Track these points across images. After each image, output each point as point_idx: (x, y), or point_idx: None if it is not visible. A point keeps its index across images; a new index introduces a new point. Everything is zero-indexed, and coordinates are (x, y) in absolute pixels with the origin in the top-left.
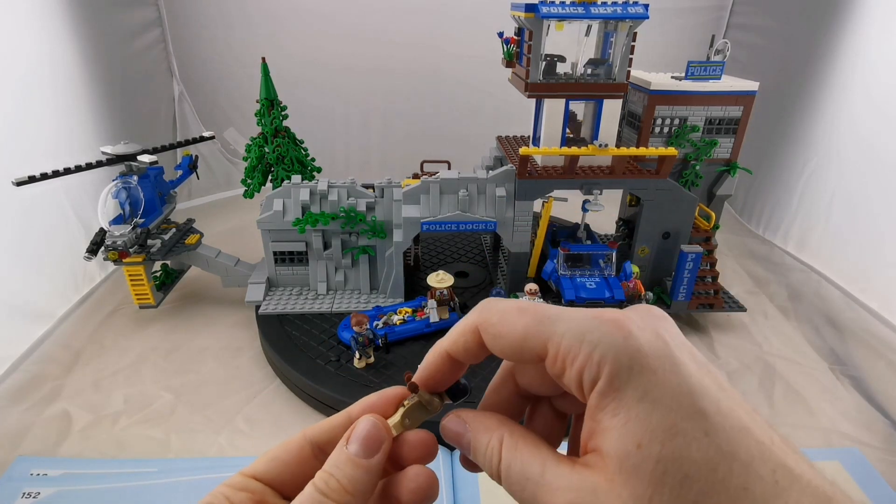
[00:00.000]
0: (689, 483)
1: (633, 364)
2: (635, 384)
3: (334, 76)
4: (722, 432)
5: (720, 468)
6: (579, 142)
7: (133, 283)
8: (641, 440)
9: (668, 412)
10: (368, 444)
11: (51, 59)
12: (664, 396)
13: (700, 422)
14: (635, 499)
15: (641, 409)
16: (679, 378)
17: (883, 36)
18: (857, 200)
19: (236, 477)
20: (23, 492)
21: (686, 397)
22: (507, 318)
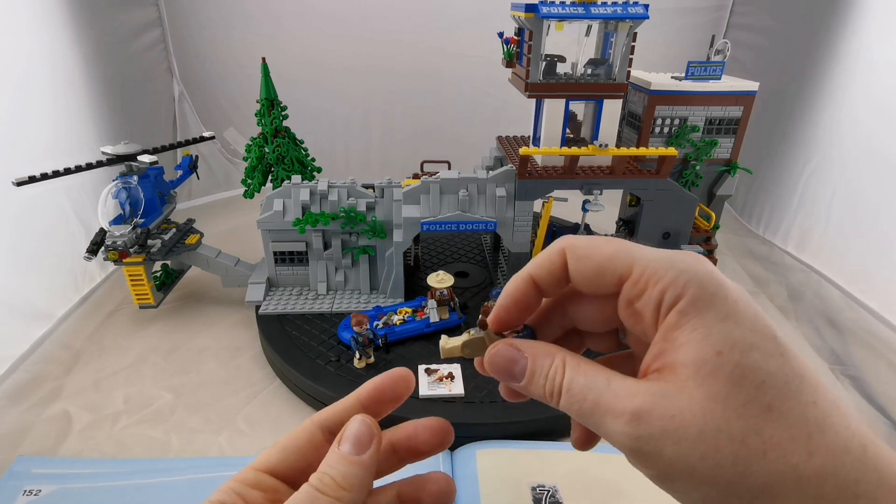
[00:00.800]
0: (765, 388)
1: (717, 290)
2: (718, 307)
3: (334, 76)
4: (793, 358)
5: (793, 383)
6: (579, 142)
7: (133, 283)
8: (722, 349)
9: (748, 332)
10: (359, 442)
11: (51, 59)
12: (744, 319)
13: (776, 345)
14: (711, 397)
15: (723, 326)
16: (756, 311)
17: (883, 36)
18: (857, 200)
19: (248, 472)
20: (24, 489)
21: (763, 324)
22: (594, 243)
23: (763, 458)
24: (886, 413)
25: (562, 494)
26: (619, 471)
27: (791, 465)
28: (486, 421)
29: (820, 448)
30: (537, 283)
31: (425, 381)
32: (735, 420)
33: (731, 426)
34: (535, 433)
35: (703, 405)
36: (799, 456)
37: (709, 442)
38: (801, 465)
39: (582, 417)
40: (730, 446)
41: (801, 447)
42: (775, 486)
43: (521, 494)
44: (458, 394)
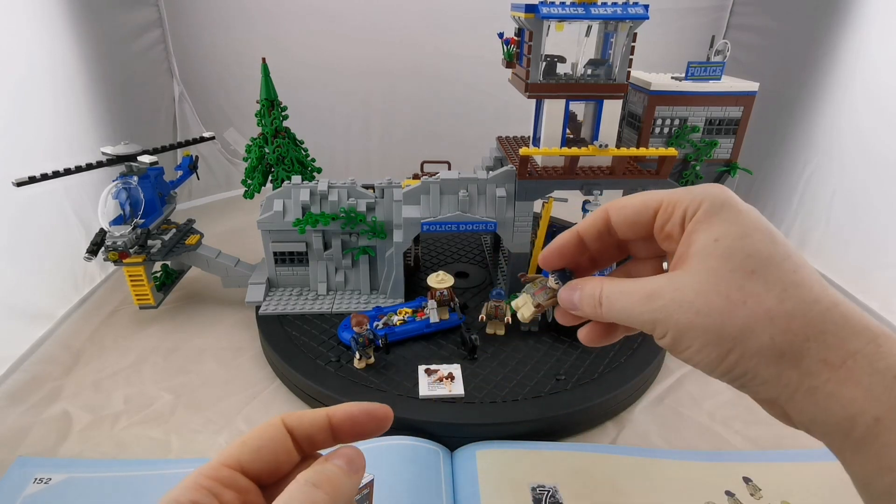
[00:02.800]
0: (750, 259)
1: (725, 202)
2: (724, 213)
3: (335, 76)
4: (784, 245)
5: (777, 257)
6: (579, 142)
7: (133, 283)
8: (719, 237)
9: (744, 226)
10: (352, 462)
11: (51, 59)
12: (747, 222)
13: (768, 234)
14: (706, 270)
15: (725, 223)
16: (760, 218)
17: (883, 36)
18: (857, 201)
19: (220, 469)
20: (34, 477)
21: (762, 224)
22: (628, 197)
23: (743, 306)
24: None
25: (562, 494)
26: (619, 471)
27: (765, 308)
28: (486, 421)
29: (792, 297)
30: (582, 237)
31: (425, 382)
32: (723, 283)
33: (720, 286)
34: (535, 433)
35: (700, 276)
36: (771, 302)
37: (703, 300)
38: (773, 308)
39: (618, 314)
40: (717, 300)
41: (774, 297)
42: (751, 325)
43: (521, 494)
44: (458, 394)
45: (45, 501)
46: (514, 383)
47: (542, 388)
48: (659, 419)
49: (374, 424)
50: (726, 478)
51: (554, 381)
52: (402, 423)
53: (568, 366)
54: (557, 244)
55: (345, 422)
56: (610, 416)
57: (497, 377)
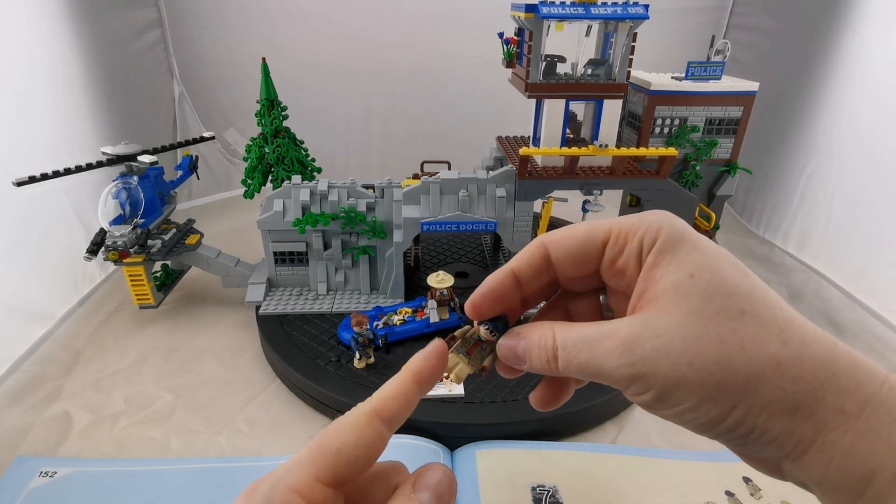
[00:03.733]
0: (735, 297)
1: (684, 231)
2: (687, 244)
3: (334, 77)
4: (755, 278)
5: (759, 292)
6: (579, 142)
7: (133, 283)
8: (694, 272)
9: (715, 259)
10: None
11: (51, 59)
12: (711, 251)
13: (741, 269)
14: (689, 311)
15: (693, 255)
16: (719, 247)
17: (883, 36)
18: (857, 200)
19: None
20: (40, 471)
21: (726, 253)
22: (569, 228)
23: (742, 352)
24: None
25: (562, 494)
26: (619, 471)
27: (768, 354)
28: (486, 421)
29: (792, 338)
30: (517, 276)
31: None
32: (713, 326)
33: (710, 331)
34: (535, 433)
35: (683, 319)
36: (774, 345)
37: (694, 349)
38: (777, 353)
39: (581, 369)
40: (711, 348)
41: (774, 338)
42: (757, 374)
43: (521, 494)
44: (458, 394)
45: (50, 494)
46: (514, 383)
47: None
48: (659, 419)
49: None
50: (726, 478)
51: None
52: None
53: None
54: (490, 287)
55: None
56: (610, 416)
57: (497, 377)
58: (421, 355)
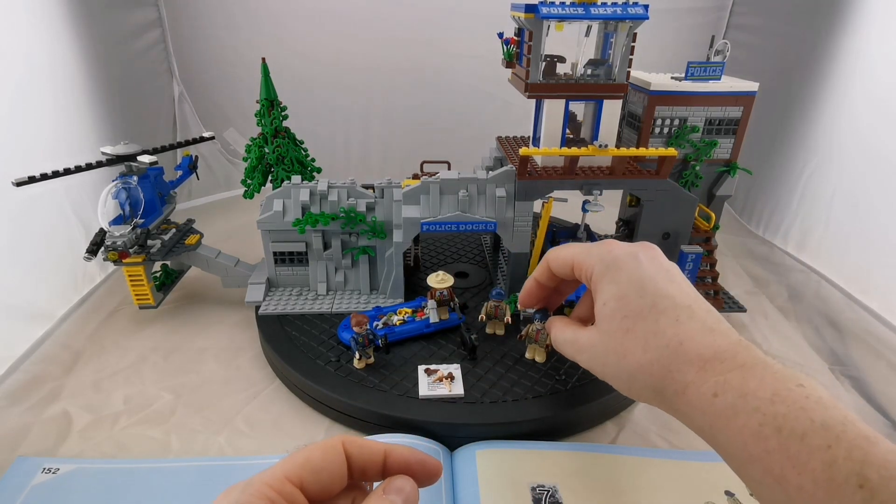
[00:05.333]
0: (626, 319)
1: (611, 264)
2: (609, 275)
3: (334, 76)
4: (651, 295)
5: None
6: (579, 142)
7: (133, 283)
8: (606, 300)
9: (623, 286)
10: (408, 501)
11: (50, 59)
12: (625, 279)
13: (640, 289)
14: (601, 331)
15: (609, 286)
16: (637, 272)
17: (883, 36)
18: (857, 200)
19: (286, 484)
20: (42, 467)
21: (636, 280)
22: (559, 251)
23: (624, 360)
24: (886, 413)
25: (562, 494)
26: (619, 471)
27: (636, 360)
28: (486, 421)
29: (650, 348)
30: (538, 281)
31: (425, 382)
32: (612, 342)
33: (610, 345)
34: (535, 433)
35: (598, 337)
36: (639, 355)
37: (602, 357)
38: (640, 359)
39: (566, 356)
40: (611, 357)
41: (640, 350)
42: (633, 374)
43: (521, 494)
44: (458, 394)
45: (53, 490)
46: (513, 383)
47: (542, 388)
48: (659, 419)
49: (424, 476)
50: (726, 478)
51: (554, 381)
52: (402, 423)
53: (568, 366)
54: (525, 291)
55: (399, 465)
56: (610, 415)
57: (497, 377)
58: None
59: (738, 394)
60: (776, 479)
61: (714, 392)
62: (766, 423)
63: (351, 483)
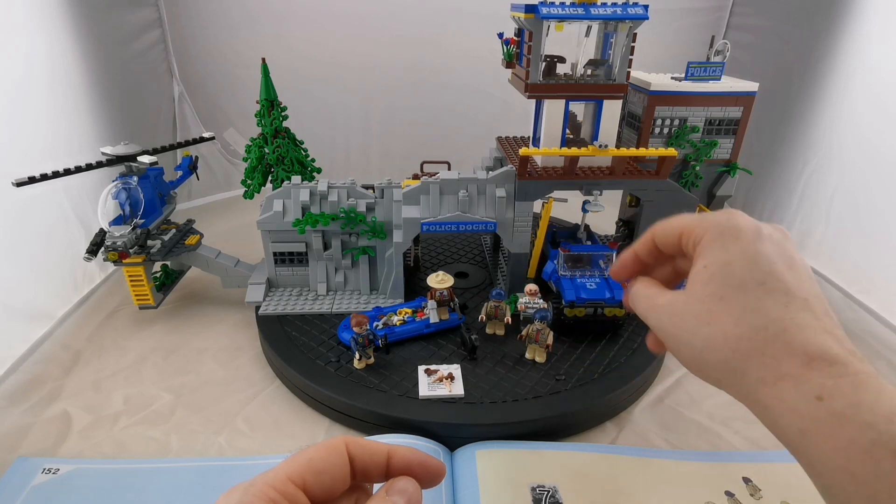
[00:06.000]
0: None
1: (725, 230)
2: (721, 241)
3: (334, 76)
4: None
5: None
6: (579, 142)
7: (133, 283)
8: (707, 263)
9: (732, 255)
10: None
11: (50, 59)
12: (736, 249)
13: (752, 263)
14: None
15: (717, 252)
16: (754, 246)
17: (884, 35)
18: (857, 201)
19: (288, 484)
20: (42, 468)
21: (750, 252)
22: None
23: (707, 325)
24: None
25: (562, 494)
26: (619, 471)
27: (721, 331)
28: (486, 421)
29: (743, 322)
30: (637, 254)
31: (425, 382)
32: (698, 304)
33: (695, 308)
34: (535, 433)
35: (682, 298)
36: (727, 325)
37: (681, 318)
38: (728, 330)
39: (637, 311)
40: (691, 320)
41: (731, 321)
42: (711, 343)
43: (521, 494)
44: (458, 394)
45: (53, 491)
46: (514, 383)
47: (542, 388)
48: (659, 419)
49: (427, 477)
50: (726, 478)
51: (554, 381)
52: (402, 423)
53: (568, 366)
54: (619, 262)
55: (402, 466)
56: (610, 416)
57: (497, 377)
58: (419, 456)
59: (849, 403)
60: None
61: (818, 394)
62: (881, 444)
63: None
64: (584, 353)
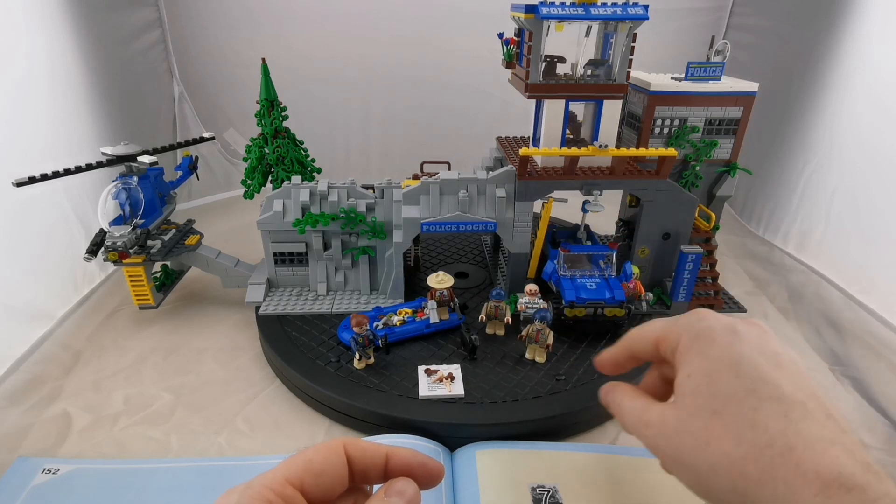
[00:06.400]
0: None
1: (700, 334)
2: (698, 346)
3: (335, 77)
4: (750, 378)
5: (739, 394)
6: (579, 142)
7: (133, 283)
8: (691, 372)
9: (712, 361)
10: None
11: (50, 59)
12: (714, 355)
13: (736, 368)
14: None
15: (696, 358)
16: (733, 348)
17: (884, 35)
18: (857, 201)
19: (287, 486)
20: (42, 468)
21: (730, 358)
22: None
23: (707, 447)
24: (886, 414)
25: (562, 494)
26: (619, 471)
27: (724, 451)
28: (486, 421)
29: (745, 441)
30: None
31: (425, 382)
32: (691, 421)
33: (689, 425)
34: (535, 433)
35: (673, 414)
36: (729, 445)
37: (678, 437)
38: (730, 451)
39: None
40: (689, 440)
41: (731, 439)
42: (715, 466)
43: (521, 494)
44: (458, 394)
45: (53, 491)
46: (514, 383)
47: (542, 388)
48: None
49: (426, 478)
50: None
51: (554, 381)
52: (402, 423)
53: (568, 366)
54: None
55: (401, 467)
56: (610, 416)
57: (497, 377)
58: (418, 457)
59: None
60: None
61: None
62: None
63: (352, 486)
64: (584, 353)
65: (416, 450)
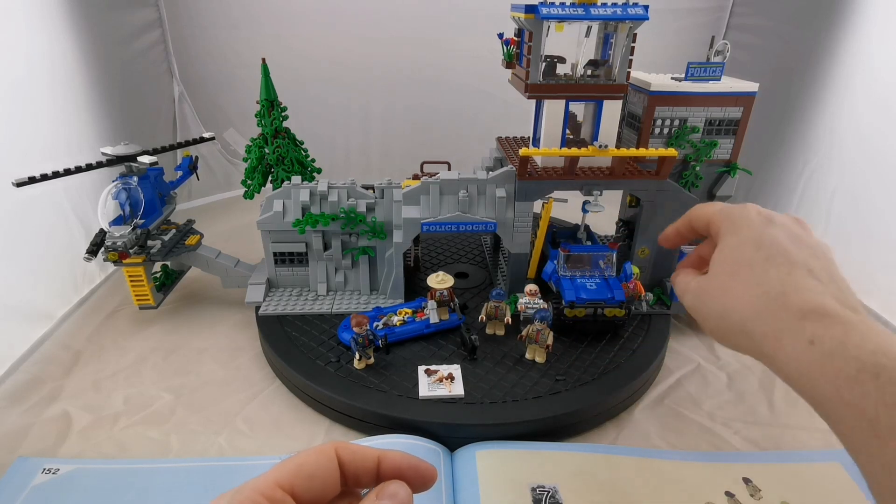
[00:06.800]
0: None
1: (736, 220)
2: (734, 230)
3: (335, 77)
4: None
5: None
6: (579, 143)
7: (133, 283)
8: (722, 248)
9: (741, 238)
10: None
11: (50, 59)
12: (744, 234)
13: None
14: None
15: (730, 237)
16: (762, 229)
17: (884, 36)
18: (857, 201)
19: (277, 490)
20: (42, 468)
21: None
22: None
23: (722, 297)
24: None
25: (562, 495)
26: (619, 471)
27: (735, 299)
28: (486, 421)
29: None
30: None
31: (425, 382)
32: (714, 282)
33: (711, 285)
34: (535, 433)
35: (708, 278)
36: (739, 295)
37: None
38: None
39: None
40: (708, 295)
41: (741, 291)
42: (727, 313)
43: (521, 495)
44: (458, 394)
45: (53, 491)
46: (513, 383)
47: (542, 388)
48: (659, 420)
49: (418, 481)
50: (726, 478)
51: (554, 382)
52: (402, 423)
53: (568, 366)
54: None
55: (392, 470)
56: (610, 416)
57: (497, 377)
58: (410, 460)
59: (838, 342)
60: (869, 421)
61: (811, 339)
62: (865, 370)
63: (344, 490)
64: (584, 353)
65: (409, 452)
